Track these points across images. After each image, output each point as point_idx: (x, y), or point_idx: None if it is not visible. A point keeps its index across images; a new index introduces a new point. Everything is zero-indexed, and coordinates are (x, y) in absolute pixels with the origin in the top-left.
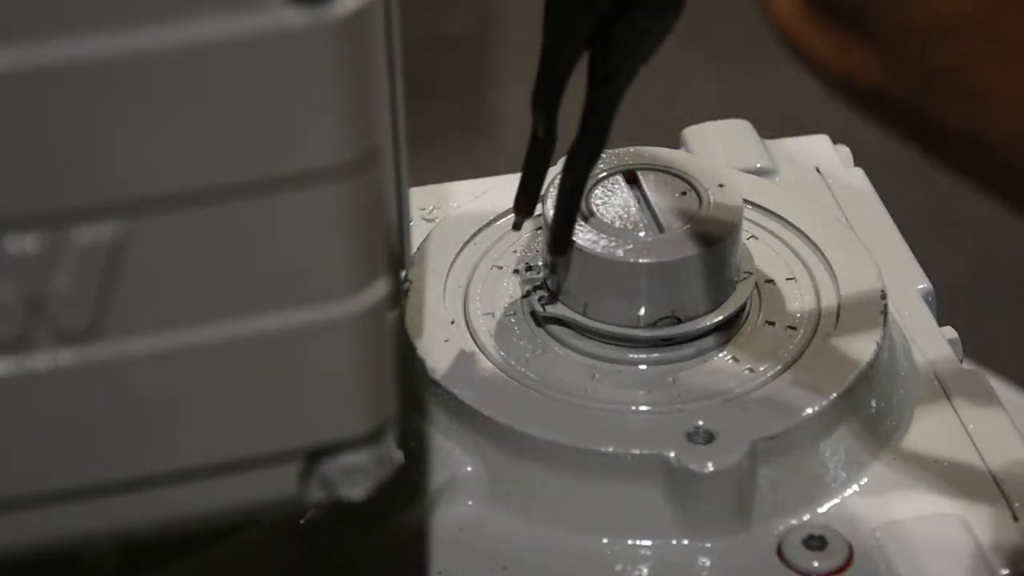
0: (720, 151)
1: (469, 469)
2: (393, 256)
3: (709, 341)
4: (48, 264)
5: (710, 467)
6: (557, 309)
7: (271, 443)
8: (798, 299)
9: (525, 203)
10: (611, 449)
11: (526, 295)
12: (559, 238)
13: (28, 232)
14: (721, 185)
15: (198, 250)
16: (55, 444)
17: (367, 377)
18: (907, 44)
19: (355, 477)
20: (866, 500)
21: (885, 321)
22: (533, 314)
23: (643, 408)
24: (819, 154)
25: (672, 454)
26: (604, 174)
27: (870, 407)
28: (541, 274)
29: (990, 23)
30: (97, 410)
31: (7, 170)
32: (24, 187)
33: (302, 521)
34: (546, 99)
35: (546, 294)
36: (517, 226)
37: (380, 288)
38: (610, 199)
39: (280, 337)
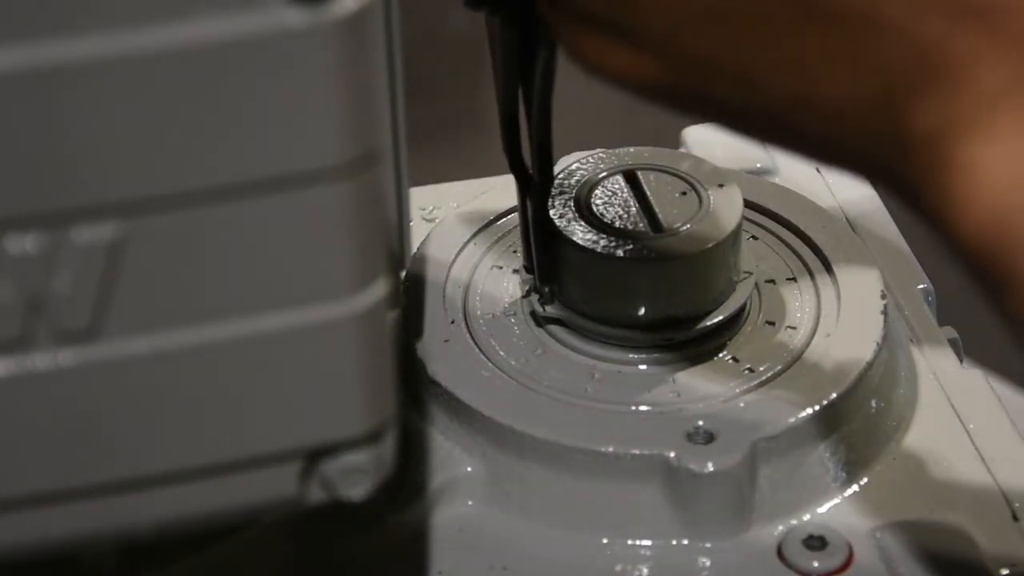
0: (720, 151)
1: (469, 469)
2: (393, 256)
3: (709, 341)
4: (48, 264)
5: (710, 467)
6: (557, 309)
7: (271, 443)
8: (798, 299)
9: (526, 253)
10: (611, 449)
11: (526, 295)
12: (544, 271)
13: (28, 232)
14: (721, 185)
15: (198, 250)
16: (55, 444)
17: (367, 377)
18: (666, 41)
19: (355, 477)
20: (866, 500)
21: (885, 321)
22: (533, 314)
23: (643, 408)
24: None
25: (672, 454)
26: (604, 174)
27: (870, 407)
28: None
29: (734, 10)
30: (97, 410)
31: (7, 170)
32: (24, 187)
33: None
34: (504, 139)
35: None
36: (529, 270)
37: (380, 288)
38: (610, 199)
39: (280, 337)
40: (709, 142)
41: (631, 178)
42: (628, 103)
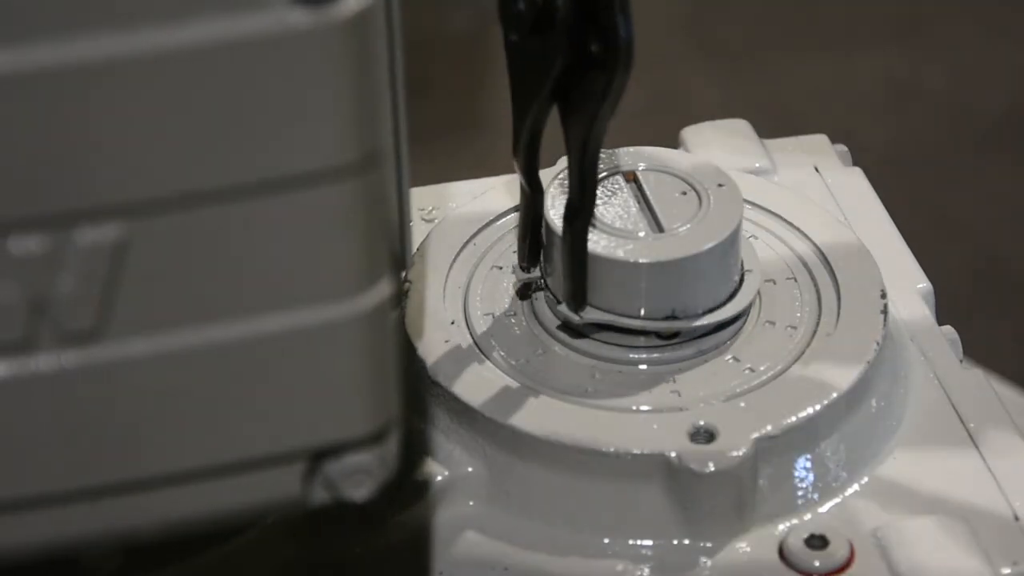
0: (718, 151)
1: (470, 469)
2: (395, 256)
3: (710, 341)
4: (51, 265)
5: (711, 467)
6: (591, 314)
7: (274, 444)
8: (798, 299)
9: (528, 254)
10: (612, 449)
11: (520, 295)
12: (578, 294)
13: (31, 233)
14: (721, 185)
15: (202, 251)
16: (58, 445)
17: (370, 378)
18: None
19: (358, 478)
20: (867, 500)
21: (885, 321)
22: (565, 326)
23: (644, 408)
24: (817, 153)
25: (673, 454)
26: (604, 174)
27: (870, 407)
28: (538, 272)
29: None
30: (100, 411)
31: (10, 171)
32: (27, 188)
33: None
34: (523, 153)
35: (549, 295)
36: (525, 272)
37: (383, 289)
38: (610, 199)
39: (284, 338)
40: (708, 142)
41: (631, 178)
42: (627, 103)
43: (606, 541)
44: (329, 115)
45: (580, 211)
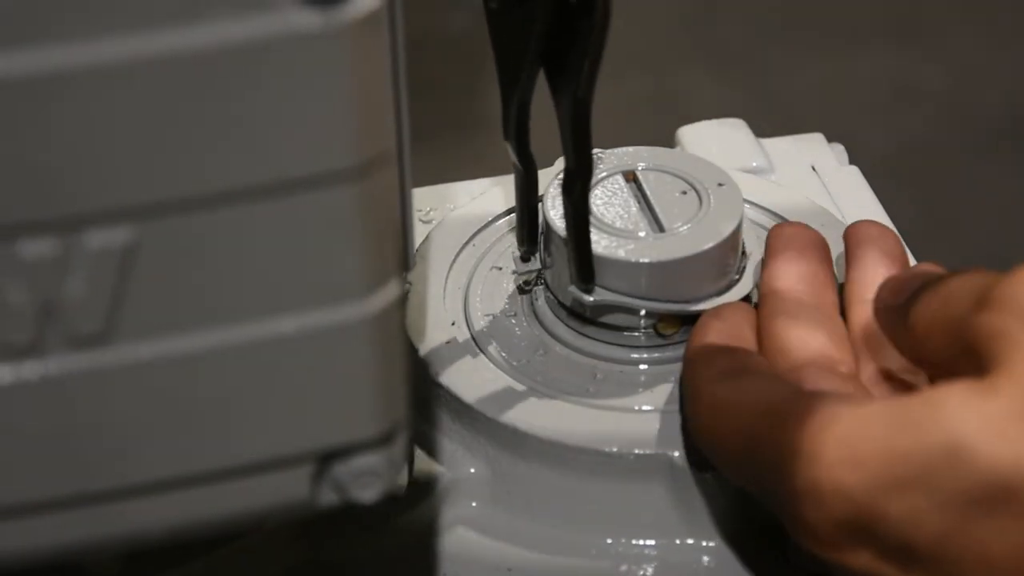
0: (715, 150)
1: (472, 470)
2: (401, 258)
3: None
4: (61, 268)
5: None
6: (603, 295)
7: (283, 446)
8: None
9: (526, 237)
10: (614, 449)
11: (521, 290)
12: (584, 268)
13: (41, 236)
14: (721, 184)
15: (212, 254)
16: (67, 449)
17: (379, 379)
18: None
19: (366, 479)
20: None
21: None
22: (572, 311)
23: (646, 408)
24: (814, 153)
25: (676, 453)
26: (604, 174)
27: None
28: (537, 270)
29: None
30: (109, 415)
31: (19, 174)
32: (37, 192)
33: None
34: (513, 129)
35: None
36: (525, 258)
37: (392, 290)
38: (610, 199)
39: (293, 340)
40: (704, 141)
41: (631, 178)
42: (627, 103)
43: (609, 541)
44: (338, 117)
45: (577, 177)
